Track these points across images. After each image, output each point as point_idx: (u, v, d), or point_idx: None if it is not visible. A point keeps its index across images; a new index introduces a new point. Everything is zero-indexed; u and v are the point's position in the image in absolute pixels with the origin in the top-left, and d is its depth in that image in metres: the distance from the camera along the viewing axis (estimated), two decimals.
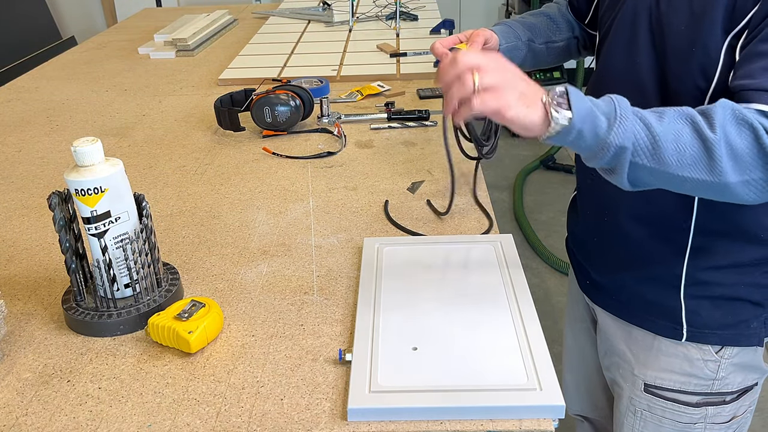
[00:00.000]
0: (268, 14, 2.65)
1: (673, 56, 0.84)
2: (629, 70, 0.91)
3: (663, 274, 0.96)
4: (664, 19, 0.85)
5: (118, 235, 0.86)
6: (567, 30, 1.14)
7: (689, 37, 0.82)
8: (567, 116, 0.70)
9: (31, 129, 1.60)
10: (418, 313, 0.85)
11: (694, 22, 0.81)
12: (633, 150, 0.71)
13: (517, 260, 0.96)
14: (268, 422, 0.72)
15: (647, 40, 0.88)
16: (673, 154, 0.70)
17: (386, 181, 1.24)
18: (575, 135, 0.71)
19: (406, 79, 1.80)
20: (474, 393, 0.72)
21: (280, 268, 0.99)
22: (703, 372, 0.98)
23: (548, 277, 2.62)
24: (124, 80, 1.95)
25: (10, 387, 0.79)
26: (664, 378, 1.00)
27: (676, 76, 0.85)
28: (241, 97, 1.52)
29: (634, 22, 0.90)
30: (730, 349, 0.96)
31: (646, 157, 0.71)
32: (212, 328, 0.84)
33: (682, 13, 0.83)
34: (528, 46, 1.11)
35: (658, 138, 0.70)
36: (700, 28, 0.80)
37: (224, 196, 1.22)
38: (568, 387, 1.31)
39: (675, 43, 0.84)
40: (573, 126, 0.70)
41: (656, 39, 0.87)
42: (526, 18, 1.15)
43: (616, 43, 0.93)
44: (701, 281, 0.94)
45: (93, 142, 0.82)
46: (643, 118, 0.71)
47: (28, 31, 3.48)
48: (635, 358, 1.03)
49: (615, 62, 0.94)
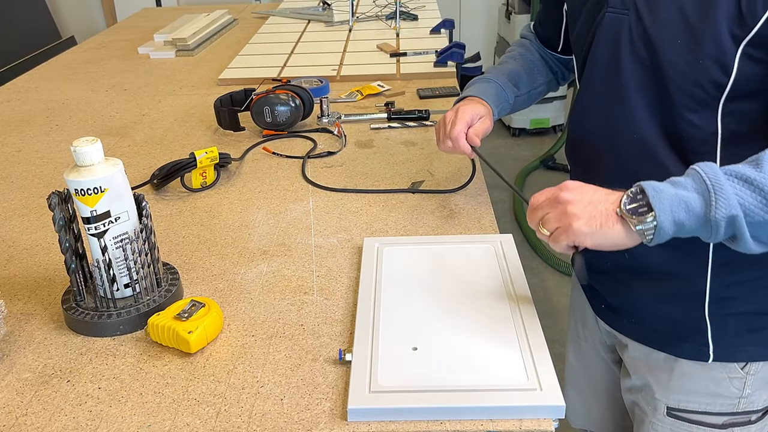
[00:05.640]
0: (268, 14, 2.65)
1: (672, 70, 0.81)
2: (614, 90, 0.87)
3: (685, 292, 0.90)
4: (652, 33, 0.82)
5: (118, 235, 0.86)
6: (545, 71, 1.16)
7: (689, 49, 0.79)
8: (650, 221, 0.69)
9: (30, 129, 1.60)
10: (418, 313, 0.85)
11: (693, 34, 0.78)
12: (745, 213, 0.67)
13: (517, 260, 0.96)
14: (268, 422, 0.72)
15: (631, 57, 0.84)
16: None
17: (386, 181, 1.24)
18: (674, 229, 0.69)
19: (406, 79, 1.80)
20: (474, 393, 0.72)
21: (280, 268, 0.99)
22: (729, 390, 0.93)
23: (548, 277, 2.62)
24: (123, 80, 1.95)
25: (9, 387, 0.79)
26: (688, 400, 0.96)
27: (679, 88, 0.81)
28: (241, 97, 1.52)
29: (614, 42, 0.86)
30: (755, 365, 0.92)
31: (762, 212, 0.67)
32: (212, 328, 0.84)
33: (674, 26, 0.80)
34: (514, 101, 1.14)
35: (765, 187, 0.66)
36: (702, 39, 0.77)
37: (224, 196, 1.22)
38: (574, 404, 1.25)
39: (671, 56, 0.80)
40: (662, 224, 0.68)
41: (644, 54, 0.83)
42: (509, 64, 1.16)
43: (596, 64, 0.90)
44: (726, 297, 0.89)
45: (93, 142, 0.82)
46: (739, 174, 0.68)
47: (28, 31, 3.48)
48: (656, 382, 0.98)
49: (597, 85, 0.91)
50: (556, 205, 0.76)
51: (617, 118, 0.88)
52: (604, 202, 0.73)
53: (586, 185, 0.77)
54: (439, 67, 1.84)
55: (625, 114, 0.87)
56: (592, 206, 0.73)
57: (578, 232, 0.73)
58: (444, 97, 1.65)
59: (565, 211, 0.74)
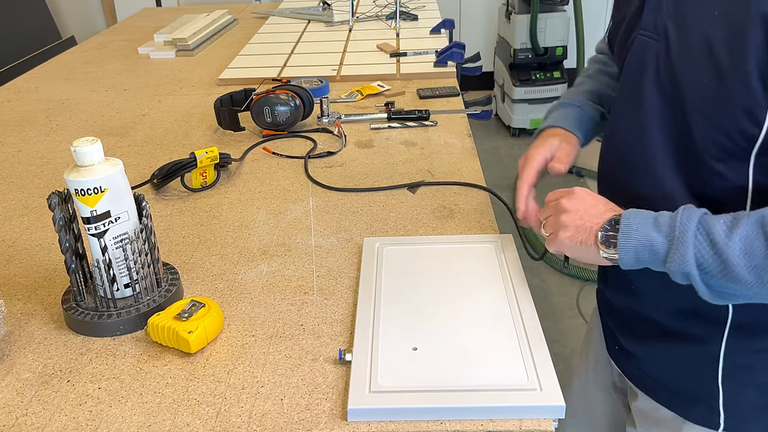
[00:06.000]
0: (268, 14, 2.65)
1: (696, 112, 0.72)
2: (635, 128, 0.80)
3: (697, 353, 0.83)
4: (678, 70, 0.73)
5: (118, 235, 0.86)
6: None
7: (717, 92, 0.70)
8: (613, 256, 0.70)
9: (30, 129, 1.60)
10: (418, 313, 0.85)
11: (720, 75, 0.69)
12: (701, 271, 0.66)
13: (517, 260, 0.96)
14: (268, 422, 0.72)
15: (655, 90, 0.76)
16: (747, 270, 0.64)
17: (386, 181, 1.24)
18: (637, 266, 0.70)
19: (406, 79, 1.80)
20: (474, 393, 0.72)
21: (280, 268, 0.99)
22: None
23: (548, 277, 2.62)
24: (124, 80, 1.95)
25: (10, 387, 0.79)
26: None
27: (703, 134, 0.72)
28: (241, 97, 1.52)
29: (639, 69, 0.78)
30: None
31: (719, 276, 0.65)
32: (212, 328, 0.84)
33: (701, 65, 0.70)
34: (601, 120, 1.02)
35: (726, 256, 0.64)
36: (730, 83, 0.68)
37: (224, 196, 1.22)
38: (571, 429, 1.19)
39: (696, 98, 0.72)
40: (623, 261, 0.69)
41: (668, 92, 0.75)
42: (585, 84, 1.05)
43: (621, 91, 0.83)
44: (743, 365, 0.81)
45: (93, 142, 0.82)
46: (709, 231, 0.66)
47: (28, 31, 3.48)
48: None
49: (622, 118, 0.84)
50: (556, 211, 0.78)
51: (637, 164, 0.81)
52: (594, 219, 0.74)
53: (589, 196, 0.77)
54: (439, 67, 1.84)
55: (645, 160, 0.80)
56: (582, 221, 0.75)
57: (562, 243, 0.77)
58: (444, 97, 1.65)
59: (559, 219, 0.77)
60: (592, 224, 0.74)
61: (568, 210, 0.77)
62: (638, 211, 0.72)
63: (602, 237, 0.73)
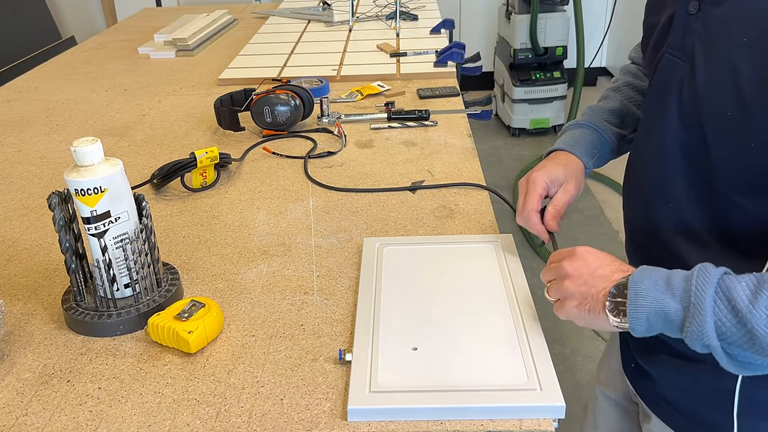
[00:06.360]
0: (268, 14, 2.65)
1: (719, 144, 0.68)
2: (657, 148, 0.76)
3: (712, 384, 0.80)
4: (702, 97, 0.69)
5: (118, 235, 0.86)
6: None
7: (740, 126, 0.66)
8: (623, 325, 0.66)
9: (30, 129, 1.60)
10: (418, 313, 0.85)
11: (746, 112, 0.65)
12: (723, 341, 0.60)
13: (517, 260, 0.96)
14: (268, 422, 0.72)
15: (676, 117, 0.73)
16: None
17: (386, 181, 1.24)
18: (652, 334, 0.65)
19: (406, 79, 1.80)
20: (474, 393, 0.72)
21: (280, 268, 0.99)
22: None
23: None
24: (124, 80, 1.95)
25: (9, 387, 0.79)
26: None
27: (725, 167, 0.69)
28: (241, 97, 1.52)
29: (663, 90, 0.74)
30: None
31: (745, 347, 0.60)
32: (212, 328, 0.84)
33: (726, 96, 0.66)
34: (618, 144, 0.99)
35: (752, 326, 0.58)
36: (758, 119, 0.64)
37: (224, 196, 1.22)
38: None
39: (718, 130, 0.68)
40: (636, 331, 0.65)
41: (690, 119, 0.71)
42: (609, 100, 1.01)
43: (644, 111, 0.79)
44: (760, 401, 0.78)
45: (93, 142, 0.82)
46: (731, 298, 0.59)
47: (28, 31, 3.48)
48: None
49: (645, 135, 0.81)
50: (558, 275, 0.74)
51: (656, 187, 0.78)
52: (600, 283, 0.70)
53: (593, 256, 0.73)
54: (439, 67, 1.84)
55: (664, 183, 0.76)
56: (587, 287, 0.70)
57: (569, 312, 0.73)
58: (444, 97, 1.65)
59: (562, 285, 0.73)
60: (598, 290, 0.69)
61: (571, 275, 0.72)
62: (647, 272, 0.67)
63: (610, 305, 0.68)
